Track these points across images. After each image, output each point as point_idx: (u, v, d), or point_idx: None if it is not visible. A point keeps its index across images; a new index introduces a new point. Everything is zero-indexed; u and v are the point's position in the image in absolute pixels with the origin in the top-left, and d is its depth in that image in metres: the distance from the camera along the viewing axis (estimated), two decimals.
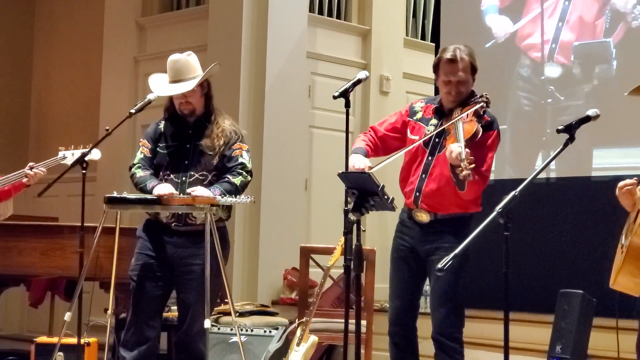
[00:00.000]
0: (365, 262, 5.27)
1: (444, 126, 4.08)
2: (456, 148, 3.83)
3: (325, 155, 7.84)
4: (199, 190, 4.33)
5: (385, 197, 3.80)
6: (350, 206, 3.82)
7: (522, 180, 3.44)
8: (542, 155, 6.81)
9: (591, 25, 6.69)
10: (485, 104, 4.09)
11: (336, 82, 7.32)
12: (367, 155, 4.13)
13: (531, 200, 5.74)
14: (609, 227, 5.99)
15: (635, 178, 3.59)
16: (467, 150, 3.81)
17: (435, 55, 7.71)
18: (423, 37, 9.02)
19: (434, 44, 8.01)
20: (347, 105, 3.99)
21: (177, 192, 4.35)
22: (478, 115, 4.06)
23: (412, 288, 4.26)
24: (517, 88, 7.14)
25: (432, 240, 4.15)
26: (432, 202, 4.15)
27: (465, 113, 4.04)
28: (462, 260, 3.86)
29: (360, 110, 8.38)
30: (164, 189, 4.35)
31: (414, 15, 9.06)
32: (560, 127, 3.57)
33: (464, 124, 3.99)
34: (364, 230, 3.97)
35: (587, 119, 3.60)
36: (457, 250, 3.32)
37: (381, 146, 4.29)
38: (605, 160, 6.52)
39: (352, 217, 3.82)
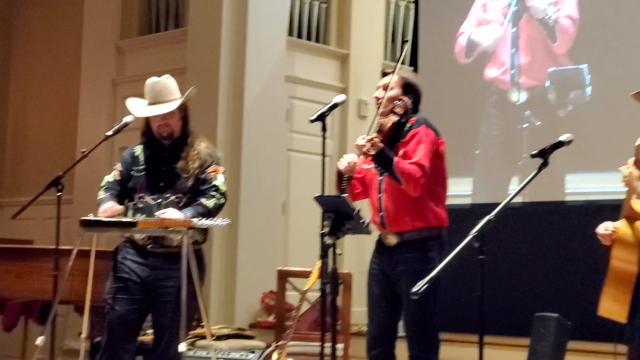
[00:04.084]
0: (342, 286, 5.28)
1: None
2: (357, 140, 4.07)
3: (303, 179, 7.85)
4: (169, 213, 4.32)
5: (361, 221, 3.83)
6: (326, 230, 3.84)
7: (498, 204, 3.47)
8: (518, 180, 6.86)
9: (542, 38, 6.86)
10: (400, 101, 4.22)
11: (314, 105, 7.33)
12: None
13: (506, 224, 5.79)
14: (583, 250, 6.07)
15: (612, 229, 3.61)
16: (369, 136, 4.06)
17: None
18: (402, 62, 9.07)
19: (412, 68, 8.06)
20: (324, 129, 4.03)
21: (118, 206, 4.36)
22: (394, 112, 4.20)
23: (386, 311, 4.25)
24: (492, 113, 7.20)
25: (400, 263, 4.16)
26: (394, 219, 4.18)
27: (382, 114, 4.23)
28: (433, 284, 3.87)
29: (339, 134, 8.41)
30: (104, 207, 4.37)
31: (393, 40, 9.12)
32: (534, 152, 3.60)
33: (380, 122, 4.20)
34: (340, 254, 3.98)
35: (560, 144, 3.64)
36: (432, 274, 3.35)
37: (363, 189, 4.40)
38: (578, 185, 6.59)
39: (328, 240, 3.83)
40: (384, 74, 4.39)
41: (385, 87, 4.28)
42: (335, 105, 4.14)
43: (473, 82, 7.28)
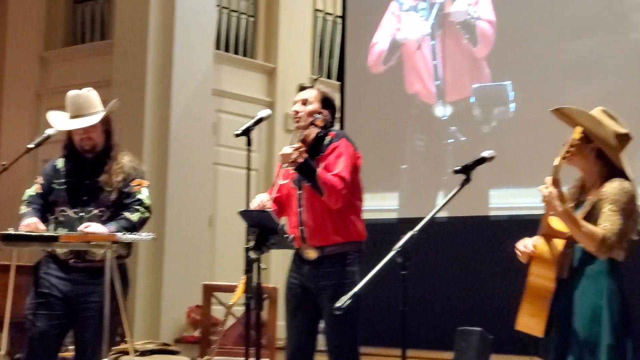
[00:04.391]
0: (267, 300, 5.28)
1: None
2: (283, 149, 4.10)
3: (230, 193, 7.82)
4: (93, 227, 4.27)
5: (285, 235, 3.84)
6: (250, 244, 3.84)
7: (424, 219, 3.51)
8: (444, 194, 6.94)
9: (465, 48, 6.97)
10: (319, 114, 4.26)
11: (241, 119, 7.29)
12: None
13: (430, 238, 5.86)
14: (506, 264, 6.15)
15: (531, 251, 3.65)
16: (296, 145, 4.08)
17: (341, 94, 7.89)
18: (329, 76, 9.13)
19: (339, 83, 8.11)
20: (249, 143, 4.02)
21: (42, 225, 4.29)
22: (314, 125, 4.24)
23: (306, 326, 4.26)
24: (418, 127, 7.28)
25: (321, 277, 4.18)
26: (315, 233, 4.20)
27: (302, 127, 4.27)
28: (355, 299, 3.89)
29: (266, 147, 8.41)
30: (27, 222, 4.30)
31: (320, 55, 9.17)
32: (457, 168, 3.66)
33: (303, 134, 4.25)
34: (265, 268, 3.98)
35: (483, 160, 3.70)
36: (356, 289, 3.37)
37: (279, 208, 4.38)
38: (501, 200, 6.70)
39: (252, 255, 3.83)
40: (302, 88, 4.40)
41: (304, 102, 4.29)
42: (260, 120, 4.15)
43: (399, 96, 7.35)
